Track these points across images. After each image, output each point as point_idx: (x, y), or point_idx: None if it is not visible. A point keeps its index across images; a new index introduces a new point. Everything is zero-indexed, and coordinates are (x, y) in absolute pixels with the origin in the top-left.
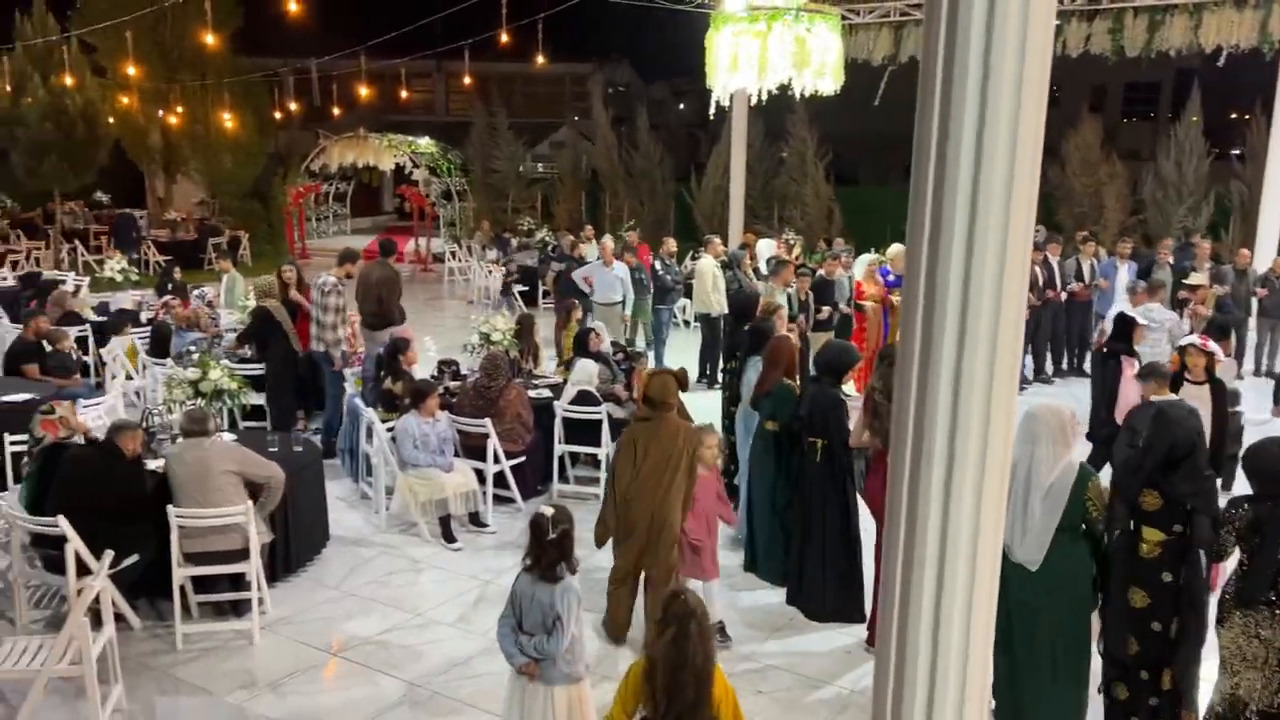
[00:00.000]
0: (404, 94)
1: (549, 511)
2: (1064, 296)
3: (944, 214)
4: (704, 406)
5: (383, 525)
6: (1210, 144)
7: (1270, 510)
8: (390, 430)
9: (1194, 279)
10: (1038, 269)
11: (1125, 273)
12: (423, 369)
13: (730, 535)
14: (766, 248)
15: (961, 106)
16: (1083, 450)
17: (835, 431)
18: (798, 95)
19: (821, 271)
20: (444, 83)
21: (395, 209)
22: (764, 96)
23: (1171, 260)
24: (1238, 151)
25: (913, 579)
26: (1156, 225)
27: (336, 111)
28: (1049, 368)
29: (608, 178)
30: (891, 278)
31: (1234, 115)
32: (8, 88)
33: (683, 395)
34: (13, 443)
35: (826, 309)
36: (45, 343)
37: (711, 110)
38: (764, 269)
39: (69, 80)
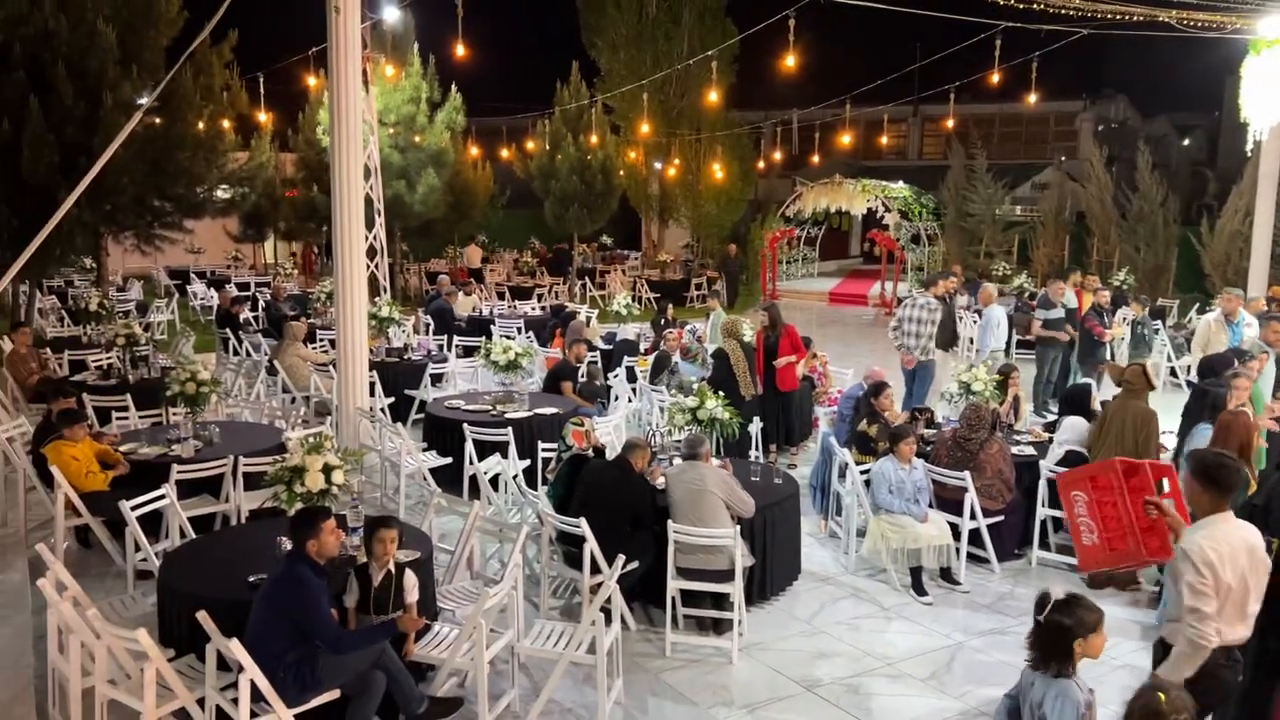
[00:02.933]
0: (883, 139)
1: (1057, 593)
2: None
3: None
4: None
5: (851, 566)
6: None
7: None
8: (865, 473)
9: None
10: None
11: None
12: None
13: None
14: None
15: None
16: None
17: None
18: None
19: None
20: (919, 126)
21: (863, 252)
22: None
23: None
24: None
25: None
26: None
27: (814, 159)
28: None
29: (1098, 220)
30: None
31: None
32: (546, 146)
33: None
34: (544, 449)
35: None
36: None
37: (1248, 146)
38: None
39: (594, 139)
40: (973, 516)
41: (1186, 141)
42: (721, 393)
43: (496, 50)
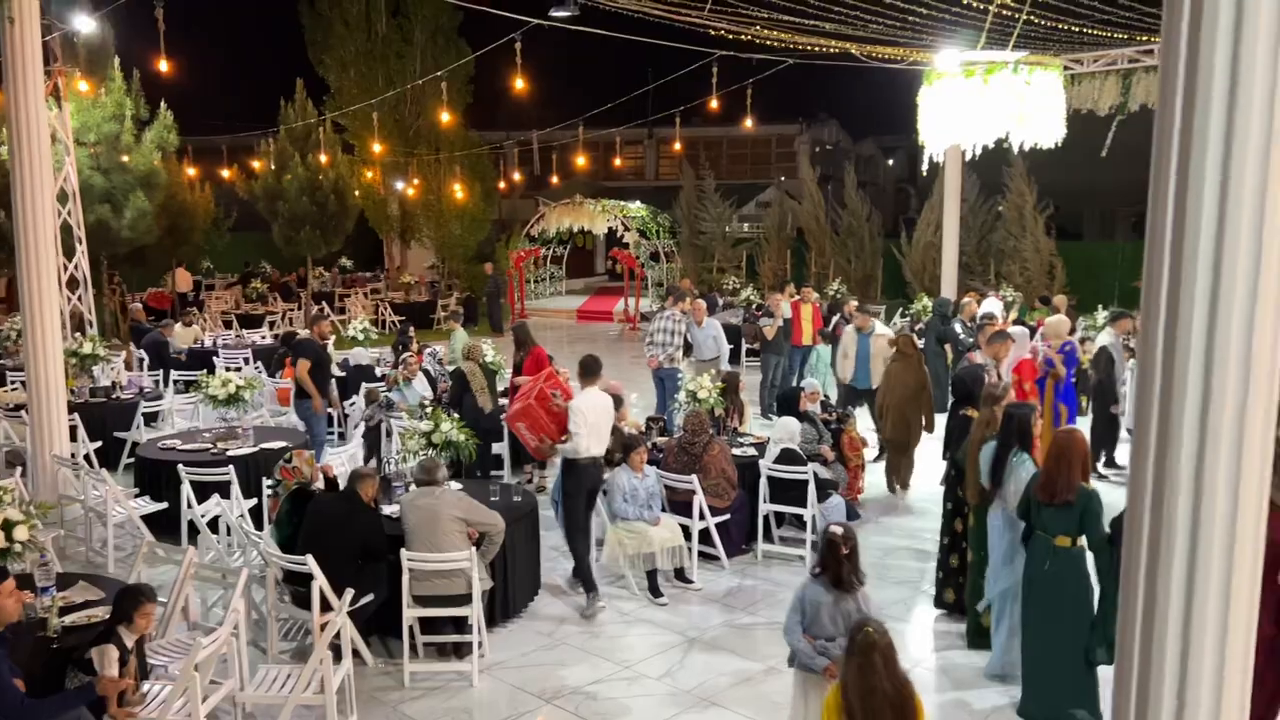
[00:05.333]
0: (617, 161)
1: (839, 530)
2: None
3: (1184, 272)
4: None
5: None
6: None
7: None
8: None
9: None
10: None
11: None
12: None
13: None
14: (995, 306)
15: (1203, 157)
16: None
17: None
18: (1015, 149)
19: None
20: (654, 148)
21: (608, 270)
22: (978, 151)
23: None
24: None
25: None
26: None
27: (555, 180)
28: None
29: (814, 235)
30: (1049, 355)
31: None
32: (272, 166)
33: None
34: (269, 485)
35: None
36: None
37: (924, 166)
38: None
39: (323, 158)
40: (702, 516)
41: (891, 162)
42: (457, 414)
43: (215, 67)
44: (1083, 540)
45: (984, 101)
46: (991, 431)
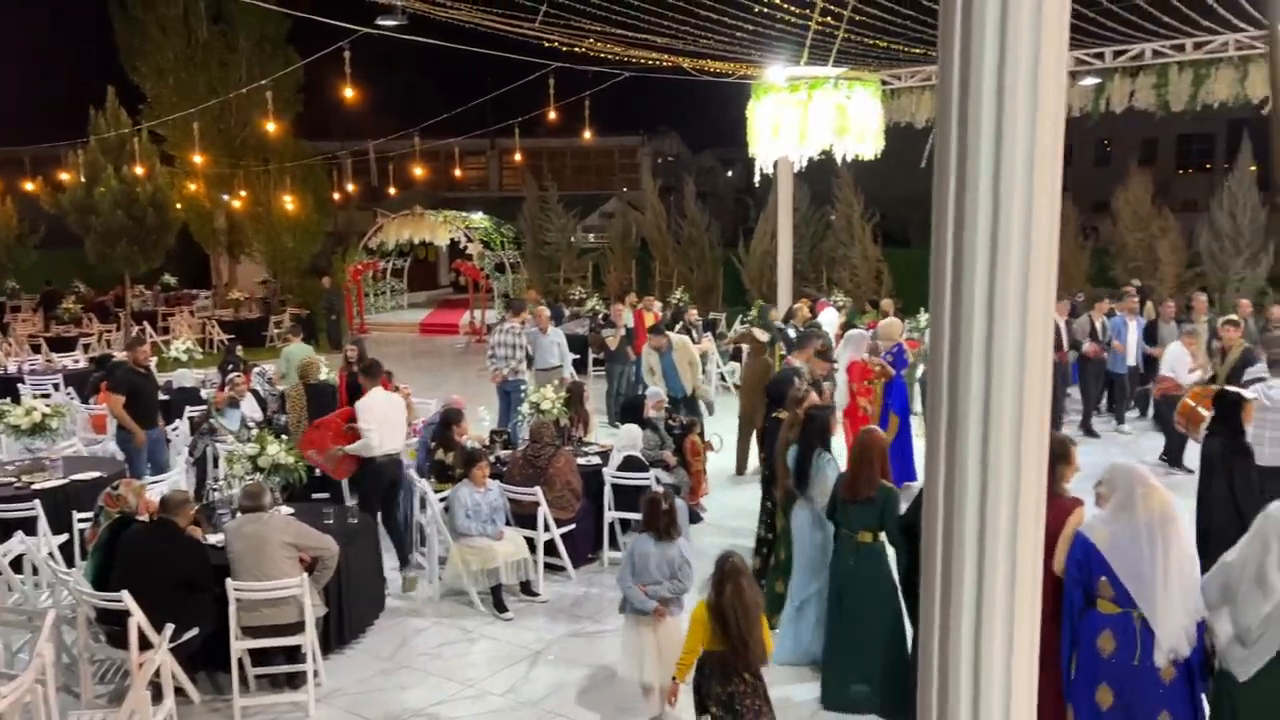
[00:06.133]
0: (458, 172)
1: (660, 489)
2: (1072, 356)
3: (964, 274)
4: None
5: (436, 596)
6: (1265, 194)
7: None
8: (443, 500)
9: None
10: None
11: (1135, 329)
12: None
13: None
14: (830, 319)
15: (976, 166)
16: None
17: None
18: (839, 160)
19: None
20: (497, 159)
21: (452, 283)
22: (805, 163)
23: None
24: None
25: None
26: (1214, 278)
27: (393, 191)
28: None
29: (657, 245)
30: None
31: None
32: (82, 179)
33: None
34: (80, 519)
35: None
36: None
37: (756, 178)
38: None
39: (139, 170)
40: (546, 528)
41: (730, 173)
42: (285, 437)
43: (13, 73)
44: (884, 535)
45: (808, 115)
46: (795, 433)
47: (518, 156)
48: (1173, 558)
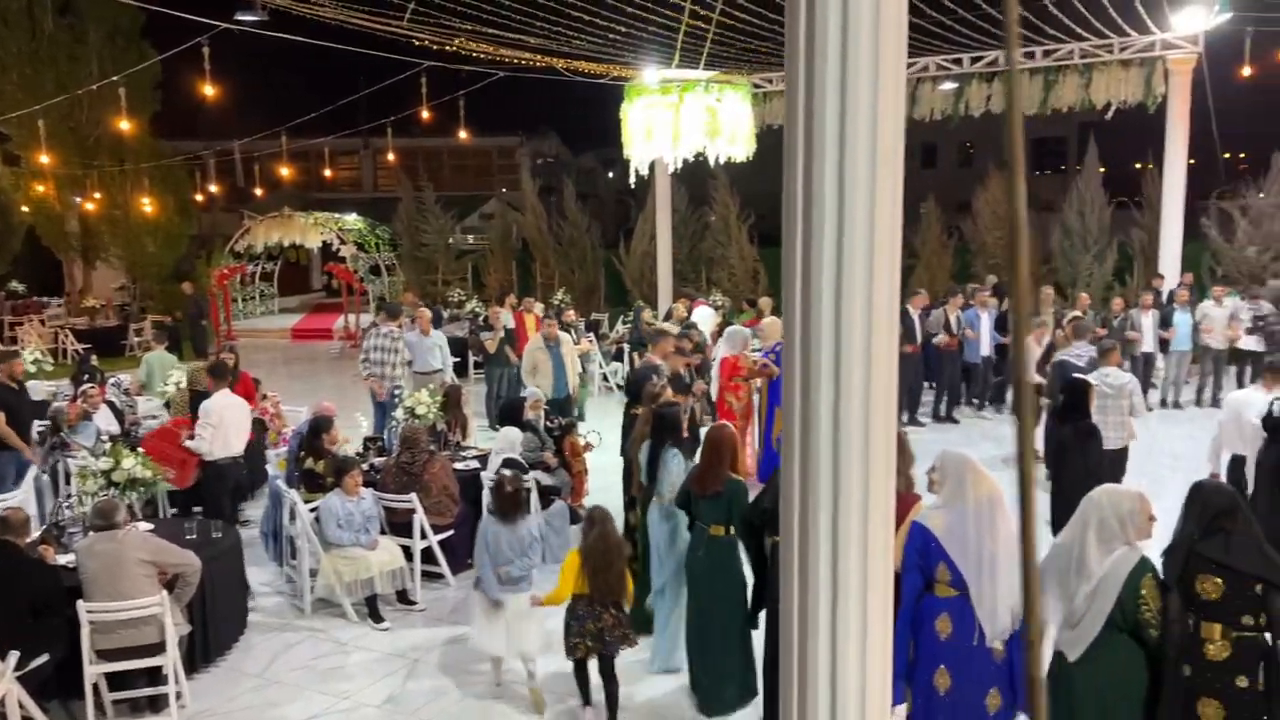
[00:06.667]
0: (328, 172)
1: (508, 473)
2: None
3: (813, 273)
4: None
5: (308, 609)
6: (1111, 194)
7: None
8: (314, 510)
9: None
10: None
11: (987, 321)
12: (351, 445)
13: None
14: (704, 316)
15: (822, 170)
16: None
17: None
18: (712, 162)
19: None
20: (371, 159)
21: (324, 286)
22: (679, 164)
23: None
24: (1137, 200)
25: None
26: (1065, 274)
27: (260, 192)
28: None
29: (538, 247)
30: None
31: (1136, 166)
32: None
33: None
34: None
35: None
36: None
37: (631, 179)
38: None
39: None
40: (423, 535)
41: (611, 174)
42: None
43: None
44: (734, 529)
45: (680, 117)
46: (649, 430)
47: (391, 156)
48: (1000, 541)
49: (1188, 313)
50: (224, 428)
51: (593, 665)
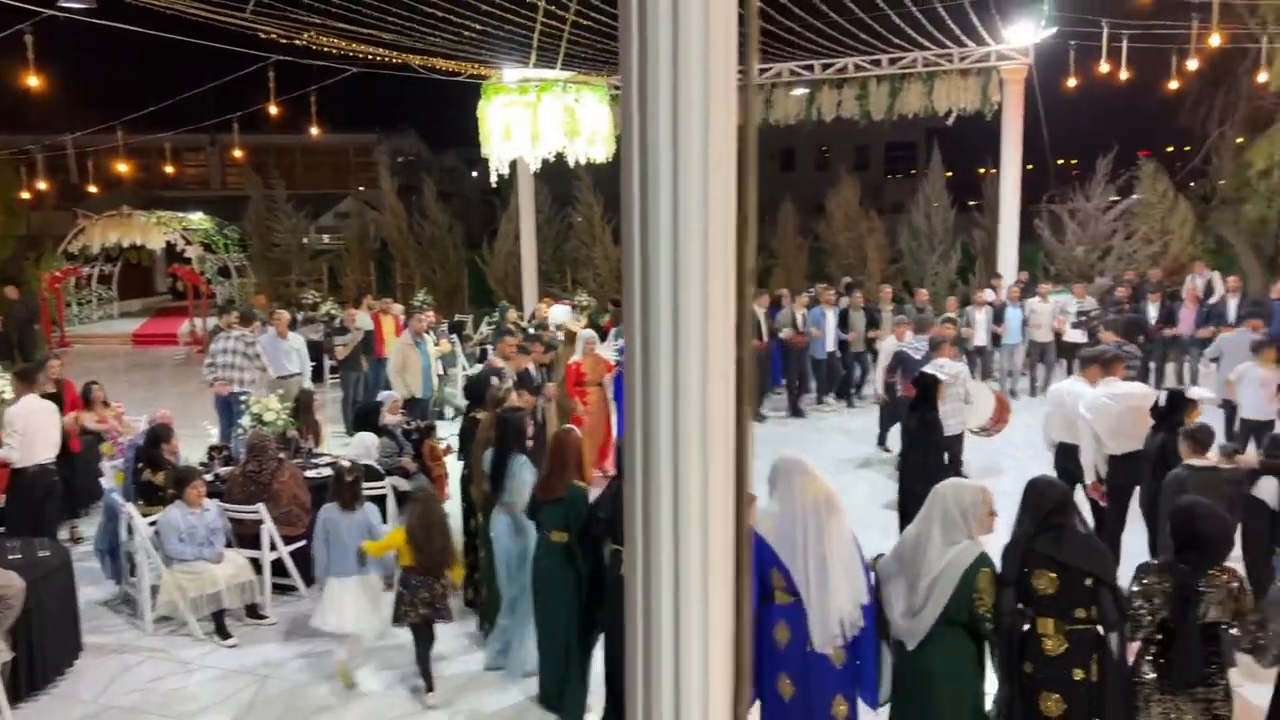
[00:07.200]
0: (169, 169)
1: (347, 464)
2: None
3: (650, 271)
4: None
5: (149, 629)
6: (955, 197)
7: (1191, 575)
8: (153, 525)
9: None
10: None
11: (832, 318)
12: (193, 454)
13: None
14: (560, 313)
15: (657, 174)
16: None
17: None
18: (571, 163)
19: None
20: (219, 156)
21: (169, 289)
22: (539, 164)
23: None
24: (979, 203)
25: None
26: (913, 273)
27: (96, 189)
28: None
29: (397, 246)
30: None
31: (980, 170)
32: None
33: None
34: None
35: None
36: None
37: (493, 178)
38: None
39: None
40: (273, 547)
41: (475, 173)
42: None
43: None
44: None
45: (539, 117)
46: (492, 435)
47: (237, 153)
48: (832, 544)
49: (1019, 308)
50: (30, 435)
51: None
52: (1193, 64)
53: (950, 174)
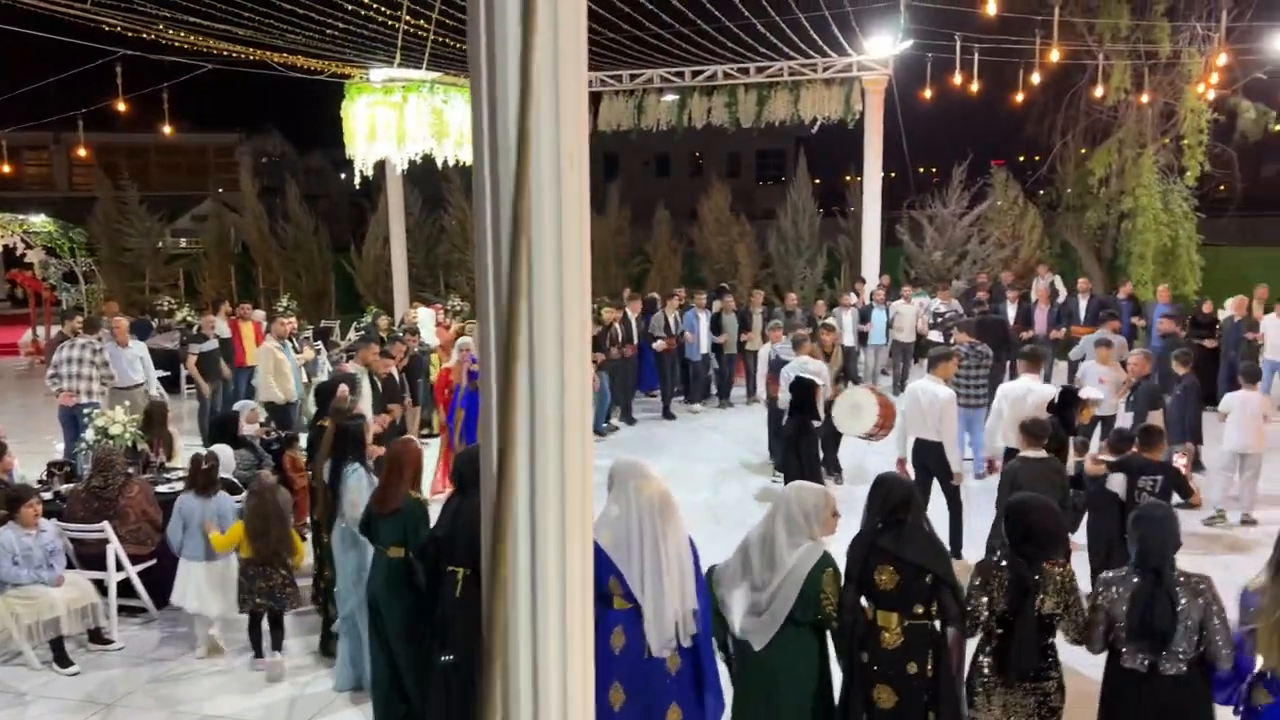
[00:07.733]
0: (8, 168)
1: (204, 453)
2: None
3: (502, 278)
4: None
5: None
6: (821, 203)
7: (1028, 568)
8: None
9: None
10: (617, 326)
11: (704, 321)
12: (35, 470)
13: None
14: (428, 317)
15: (509, 171)
16: None
17: None
18: (440, 164)
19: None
20: (64, 155)
21: (8, 296)
22: (406, 165)
23: (735, 309)
24: (844, 209)
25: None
26: (782, 277)
27: None
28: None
29: (259, 250)
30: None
31: (847, 178)
32: None
33: None
34: None
35: None
36: None
37: (357, 179)
38: (428, 340)
39: None
40: (120, 567)
41: (344, 175)
42: None
43: None
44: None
45: (405, 117)
46: (333, 445)
47: (83, 152)
48: (668, 548)
49: (884, 310)
50: None
51: None
52: (1036, 78)
53: (817, 181)
